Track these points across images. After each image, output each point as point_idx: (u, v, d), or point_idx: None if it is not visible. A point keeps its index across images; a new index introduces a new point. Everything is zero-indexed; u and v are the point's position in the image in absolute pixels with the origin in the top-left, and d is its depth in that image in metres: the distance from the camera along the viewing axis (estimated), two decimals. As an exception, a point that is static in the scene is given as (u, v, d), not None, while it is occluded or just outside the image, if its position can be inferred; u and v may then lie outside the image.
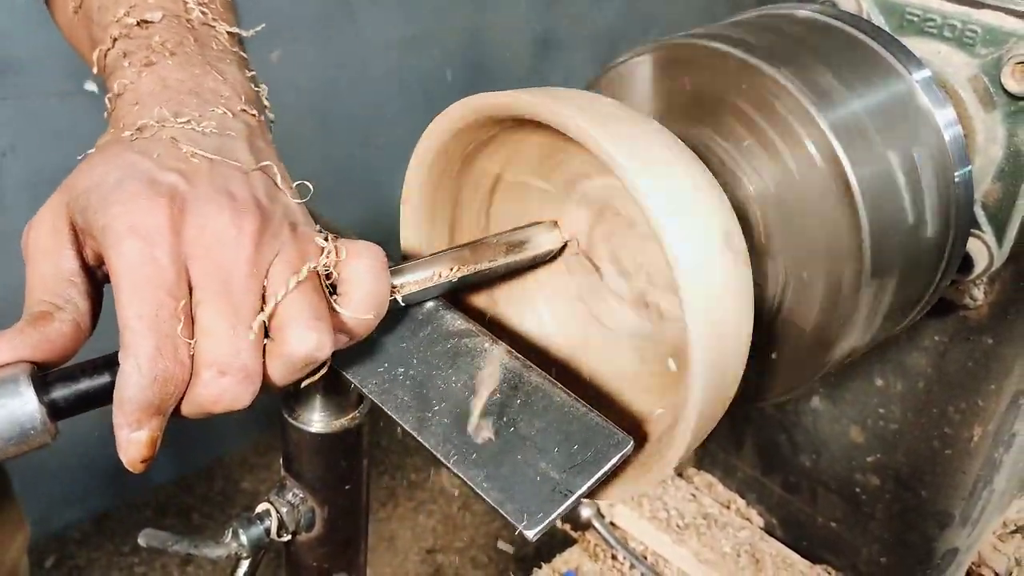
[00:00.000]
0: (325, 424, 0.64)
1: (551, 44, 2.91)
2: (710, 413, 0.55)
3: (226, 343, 0.47)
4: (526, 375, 0.56)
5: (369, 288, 0.52)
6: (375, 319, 0.53)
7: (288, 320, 0.48)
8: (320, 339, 0.48)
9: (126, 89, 0.57)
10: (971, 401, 0.82)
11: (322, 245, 0.52)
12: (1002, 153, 0.72)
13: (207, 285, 0.47)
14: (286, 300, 0.49)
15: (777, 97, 0.59)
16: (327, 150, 2.42)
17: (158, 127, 0.53)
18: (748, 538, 1.01)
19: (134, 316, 0.45)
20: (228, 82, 0.59)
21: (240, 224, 0.49)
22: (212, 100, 0.57)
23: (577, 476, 0.51)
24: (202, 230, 0.48)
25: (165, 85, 0.56)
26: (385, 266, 0.53)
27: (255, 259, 0.49)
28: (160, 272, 0.46)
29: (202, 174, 0.51)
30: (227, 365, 0.47)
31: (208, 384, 0.47)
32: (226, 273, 0.48)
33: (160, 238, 0.47)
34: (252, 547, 0.63)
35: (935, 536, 0.89)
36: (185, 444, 2.57)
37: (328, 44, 2.32)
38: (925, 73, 0.68)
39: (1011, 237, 0.74)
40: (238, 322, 0.47)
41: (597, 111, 0.56)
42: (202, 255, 0.48)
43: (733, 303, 0.54)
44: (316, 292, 0.50)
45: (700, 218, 0.53)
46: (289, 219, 0.53)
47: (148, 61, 0.58)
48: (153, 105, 0.55)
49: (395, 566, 2.41)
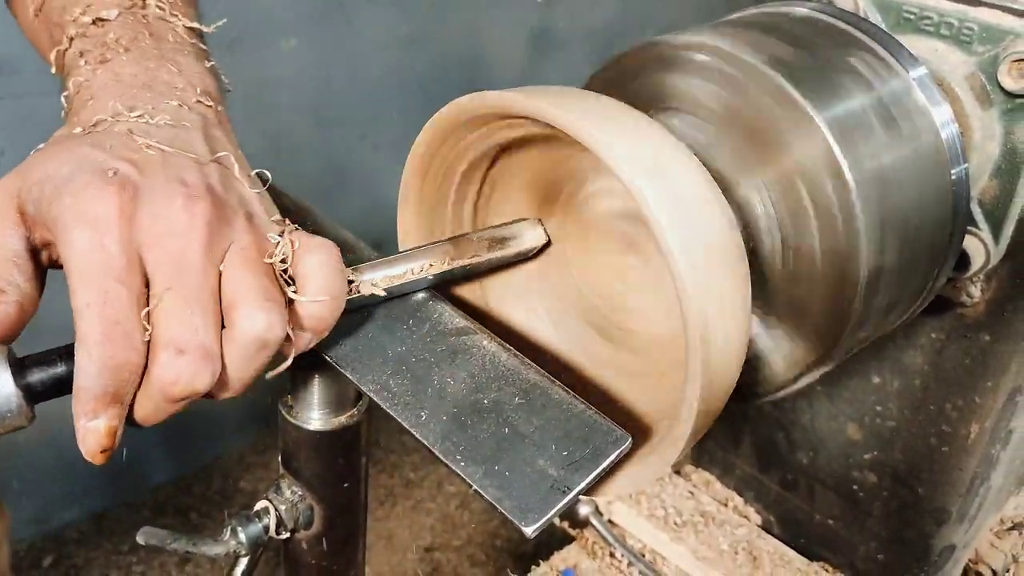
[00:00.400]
0: (324, 422, 0.64)
1: (548, 42, 2.91)
2: (709, 408, 0.55)
3: (183, 323, 0.47)
4: (524, 372, 0.56)
5: (322, 283, 0.52)
6: (330, 315, 0.52)
7: (238, 301, 0.48)
8: (270, 319, 0.48)
9: (81, 87, 0.57)
10: (968, 398, 0.82)
11: (275, 239, 0.52)
12: (999, 150, 0.72)
13: (162, 271, 0.48)
14: (238, 283, 0.49)
15: (773, 96, 0.60)
16: (325, 149, 2.42)
17: (112, 121, 0.54)
18: (746, 536, 1.01)
19: (83, 304, 0.46)
20: (183, 74, 0.60)
21: (193, 211, 0.49)
22: (166, 92, 0.57)
23: (575, 473, 0.51)
24: (155, 218, 0.48)
25: (119, 80, 0.57)
26: (339, 262, 0.53)
27: (208, 245, 0.49)
28: (109, 259, 0.47)
29: (155, 164, 0.51)
30: (185, 343, 0.47)
31: (166, 365, 0.47)
32: (180, 258, 0.48)
33: (109, 226, 0.47)
34: (250, 545, 0.64)
35: (932, 533, 0.89)
36: (183, 444, 2.57)
37: (325, 43, 2.32)
38: (921, 71, 0.68)
39: (1008, 234, 0.74)
40: (194, 303, 0.47)
41: (591, 108, 0.56)
42: (155, 242, 0.48)
43: (730, 297, 0.54)
44: (268, 277, 0.50)
45: (692, 205, 0.54)
46: (244, 208, 0.53)
47: (103, 58, 0.59)
48: (107, 99, 0.55)
49: (393, 564, 2.41)
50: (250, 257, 0.50)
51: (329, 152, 2.43)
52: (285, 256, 0.52)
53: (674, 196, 0.53)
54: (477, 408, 0.54)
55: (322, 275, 0.52)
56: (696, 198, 0.54)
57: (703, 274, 0.52)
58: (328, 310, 0.52)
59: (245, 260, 0.50)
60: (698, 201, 0.54)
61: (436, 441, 0.53)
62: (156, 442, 2.52)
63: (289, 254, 0.52)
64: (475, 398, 0.55)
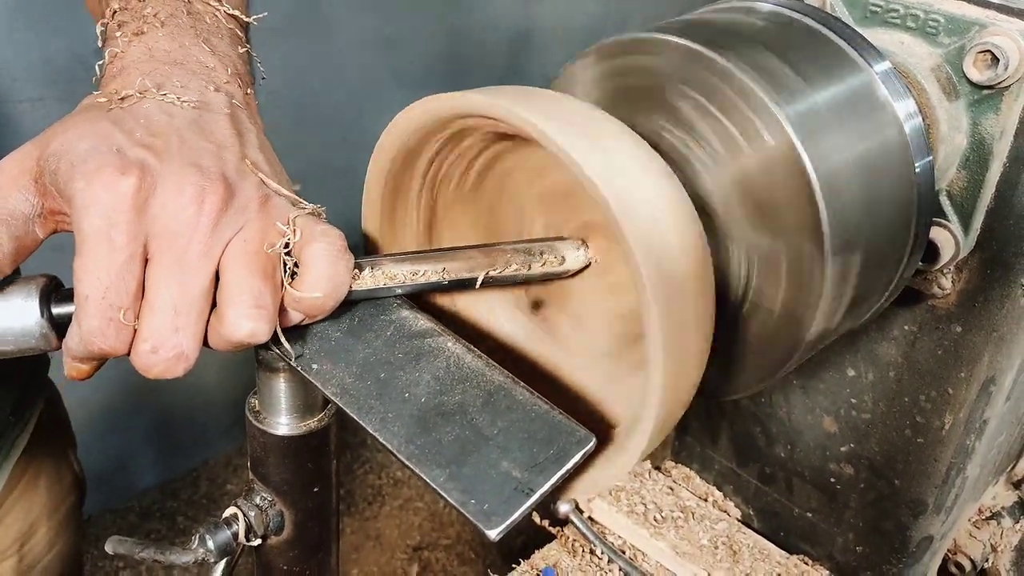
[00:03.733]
0: (292, 426, 0.64)
1: (530, 41, 2.91)
2: (673, 406, 0.55)
3: (164, 322, 0.50)
4: (488, 374, 0.56)
5: (322, 271, 0.53)
6: (328, 300, 0.54)
7: (230, 302, 0.50)
8: (255, 328, 0.51)
9: (115, 58, 0.58)
10: (942, 389, 0.82)
11: (283, 230, 0.53)
12: (967, 142, 0.72)
13: (160, 261, 0.49)
14: (233, 281, 0.50)
15: (735, 90, 0.59)
16: (305, 150, 2.41)
17: (138, 97, 0.54)
18: (725, 530, 1.01)
19: (83, 295, 0.49)
20: (217, 55, 0.60)
21: (201, 201, 0.50)
22: (197, 71, 0.58)
23: (539, 475, 0.50)
24: (163, 208, 0.49)
25: (151, 54, 0.58)
26: (343, 250, 0.54)
27: (211, 239, 0.50)
28: (114, 253, 0.48)
29: (172, 149, 0.52)
30: (161, 343, 0.50)
31: (141, 356, 0.50)
32: (180, 251, 0.49)
33: (119, 216, 0.48)
34: (219, 552, 0.63)
35: (910, 524, 0.89)
36: (169, 448, 2.56)
37: (305, 44, 2.31)
38: (885, 65, 0.68)
39: (977, 225, 0.74)
40: (182, 300, 0.50)
41: (543, 104, 0.56)
42: (160, 232, 0.49)
43: (692, 285, 0.54)
44: (264, 277, 0.51)
45: (650, 188, 0.53)
46: (260, 193, 0.53)
47: (139, 31, 0.59)
48: (136, 75, 0.56)
49: (382, 563, 2.41)
50: (251, 251, 0.51)
51: (310, 154, 2.42)
52: (289, 243, 0.53)
53: (636, 197, 0.53)
54: (441, 411, 0.54)
55: (321, 265, 0.53)
56: (657, 197, 0.54)
57: (660, 260, 0.52)
58: (321, 302, 0.54)
59: (245, 255, 0.51)
60: (660, 207, 0.54)
61: (400, 445, 0.52)
62: (142, 447, 2.51)
63: (293, 242, 0.53)
64: (439, 401, 0.55)
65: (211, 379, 2.54)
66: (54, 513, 1.07)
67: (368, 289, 0.59)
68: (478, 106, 0.56)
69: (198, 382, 2.53)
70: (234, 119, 0.57)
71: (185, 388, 2.51)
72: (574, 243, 0.68)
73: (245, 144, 0.56)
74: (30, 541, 1.04)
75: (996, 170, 0.72)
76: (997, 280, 0.75)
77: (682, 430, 1.08)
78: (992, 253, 0.75)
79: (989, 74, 0.68)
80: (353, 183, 0.71)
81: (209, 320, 0.51)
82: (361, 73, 2.47)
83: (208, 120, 0.55)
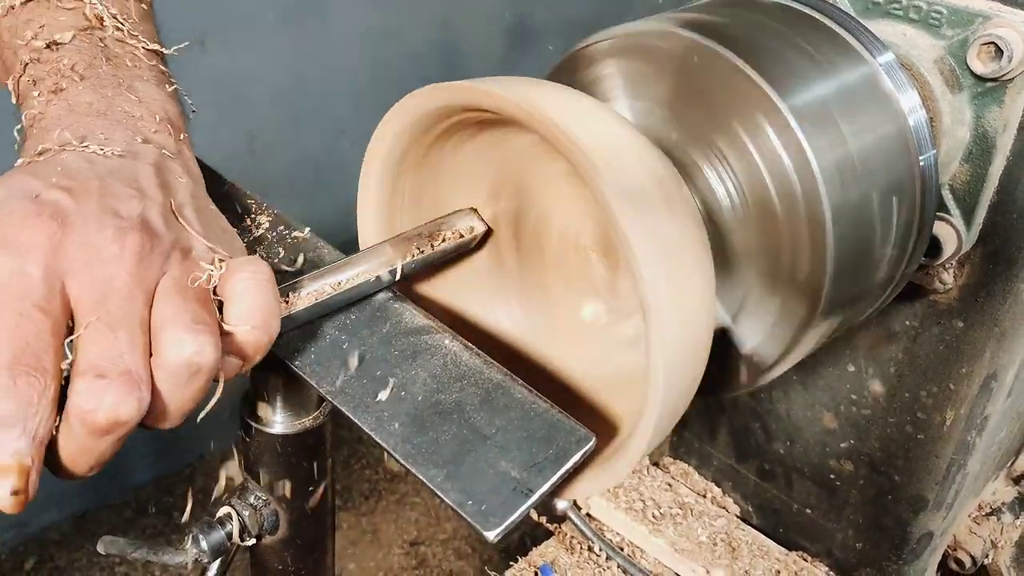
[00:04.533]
0: (286, 425, 0.63)
1: (525, 33, 2.89)
2: (673, 408, 0.54)
3: (106, 348, 0.44)
4: (486, 372, 0.55)
5: (251, 300, 0.49)
6: (262, 332, 0.50)
7: (166, 325, 0.46)
8: (198, 340, 0.46)
9: (35, 120, 0.55)
10: (943, 385, 0.81)
11: (208, 269, 0.50)
12: (969, 135, 0.71)
13: (86, 299, 0.45)
14: (166, 308, 0.46)
15: (738, 84, 0.58)
16: (299, 144, 2.39)
17: (57, 150, 0.51)
18: (724, 526, 1.00)
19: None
20: (143, 102, 0.57)
21: (123, 242, 0.47)
22: (123, 121, 0.55)
23: (538, 475, 0.50)
24: (82, 247, 0.46)
25: (72, 110, 0.54)
26: (269, 279, 0.50)
27: (137, 273, 0.47)
28: (28, 285, 0.44)
29: (91, 193, 0.48)
30: (107, 368, 0.43)
31: (85, 392, 0.43)
32: (106, 286, 0.45)
33: (33, 253, 0.45)
34: (213, 552, 0.62)
35: (910, 520, 0.89)
36: (165, 444, 2.56)
37: (299, 37, 2.29)
38: (889, 57, 0.67)
39: (979, 220, 0.73)
40: (119, 328, 0.45)
41: (559, 97, 0.55)
42: (80, 270, 0.45)
43: (697, 294, 0.53)
44: (199, 301, 0.48)
45: (663, 209, 0.52)
46: (181, 245, 0.50)
47: (57, 87, 0.56)
48: (55, 129, 0.53)
49: (379, 559, 2.40)
50: (181, 284, 0.48)
51: (304, 148, 2.41)
52: (213, 277, 0.49)
53: (634, 188, 0.52)
54: (438, 409, 0.53)
55: (249, 295, 0.49)
56: (658, 192, 0.53)
57: (661, 255, 0.51)
58: (256, 336, 0.49)
59: (176, 287, 0.47)
60: (658, 194, 0.53)
61: (396, 444, 0.52)
62: (138, 442, 2.50)
63: (219, 274, 0.50)
64: (436, 399, 0.54)
65: (206, 374, 2.53)
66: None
67: (304, 310, 0.56)
68: (477, 97, 0.55)
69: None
70: (161, 170, 0.53)
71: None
72: (467, 213, 0.68)
73: (172, 195, 0.52)
74: None
75: (999, 164, 0.71)
76: (999, 275, 0.74)
77: (681, 426, 1.07)
78: (994, 248, 0.74)
79: (993, 66, 0.67)
80: (348, 176, 0.70)
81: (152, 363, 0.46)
82: (356, 65, 2.46)
83: (132, 168, 0.52)
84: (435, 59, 2.66)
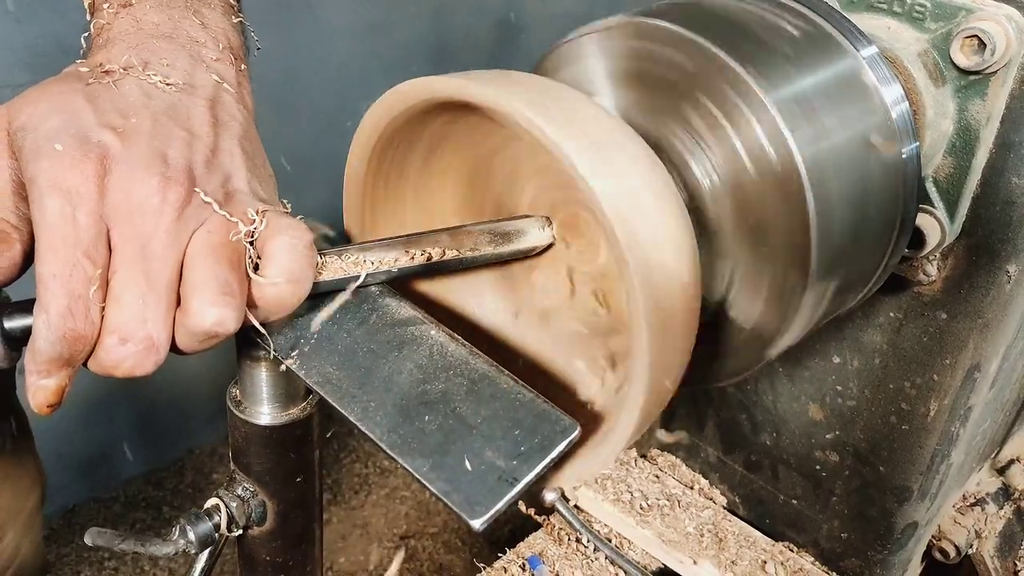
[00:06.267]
0: (274, 416, 0.63)
1: (515, 27, 2.89)
2: (658, 394, 0.54)
3: (131, 311, 0.47)
4: (472, 362, 0.56)
5: (284, 265, 0.51)
6: (291, 294, 0.52)
7: (194, 291, 0.48)
8: (221, 314, 0.48)
9: (102, 30, 0.56)
10: (927, 376, 0.82)
11: (252, 218, 0.51)
12: (953, 128, 0.71)
13: (123, 251, 0.48)
14: (197, 271, 0.49)
15: (722, 76, 0.59)
16: (290, 139, 2.39)
17: (121, 74, 0.52)
18: (711, 518, 1.01)
19: (49, 275, 0.46)
20: (207, 28, 0.58)
21: (165, 192, 0.48)
22: (186, 46, 0.56)
23: (524, 464, 0.50)
24: (127, 195, 0.48)
25: (139, 27, 0.56)
26: (307, 244, 0.52)
27: (176, 228, 0.49)
28: (78, 233, 0.47)
29: (141, 134, 0.50)
30: (130, 334, 0.47)
31: (109, 349, 0.48)
32: (144, 240, 0.48)
33: (82, 198, 0.47)
34: (200, 543, 0.62)
35: (894, 511, 0.90)
36: (154, 437, 2.55)
37: (288, 31, 2.29)
38: (872, 50, 0.67)
39: (963, 212, 0.74)
40: (148, 291, 0.48)
41: (531, 89, 0.55)
42: (123, 220, 0.48)
43: (679, 284, 0.53)
44: (230, 265, 0.50)
45: (633, 179, 0.53)
46: (226, 188, 0.52)
47: (126, 2, 0.57)
48: (123, 48, 0.54)
49: (369, 552, 2.40)
50: (215, 242, 0.50)
51: (294, 142, 2.40)
52: (254, 233, 0.51)
53: (612, 170, 0.52)
54: (424, 399, 0.53)
55: (285, 258, 0.51)
56: (642, 185, 0.53)
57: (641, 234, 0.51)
58: (285, 294, 0.52)
59: (210, 245, 0.49)
60: (645, 193, 0.53)
61: (382, 434, 0.52)
62: (127, 436, 2.49)
63: (259, 231, 0.51)
64: (422, 389, 0.54)
65: (196, 367, 2.52)
66: (18, 514, 1.04)
67: (335, 279, 0.57)
68: (471, 95, 0.55)
69: (183, 370, 2.51)
70: (216, 105, 0.55)
71: (169, 376, 2.49)
72: (539, 221, 0.68)
73: (221, 135, 0.54)
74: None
75: (982, 156, 0.71)
76: (983, 267, 0.75)
77: (668, 418, 1.07)
78: (977, 239, 0.74)
79: (976, 59, 0.68)
80: (338, 170, 0.70)
81: (175, 316, 0.49)
82: (345, 58, 2.45)
83: (187, 105, 0.53)
84: (425, 53, 2.66)
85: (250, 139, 0.57)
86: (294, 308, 0.53)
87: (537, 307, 0.71)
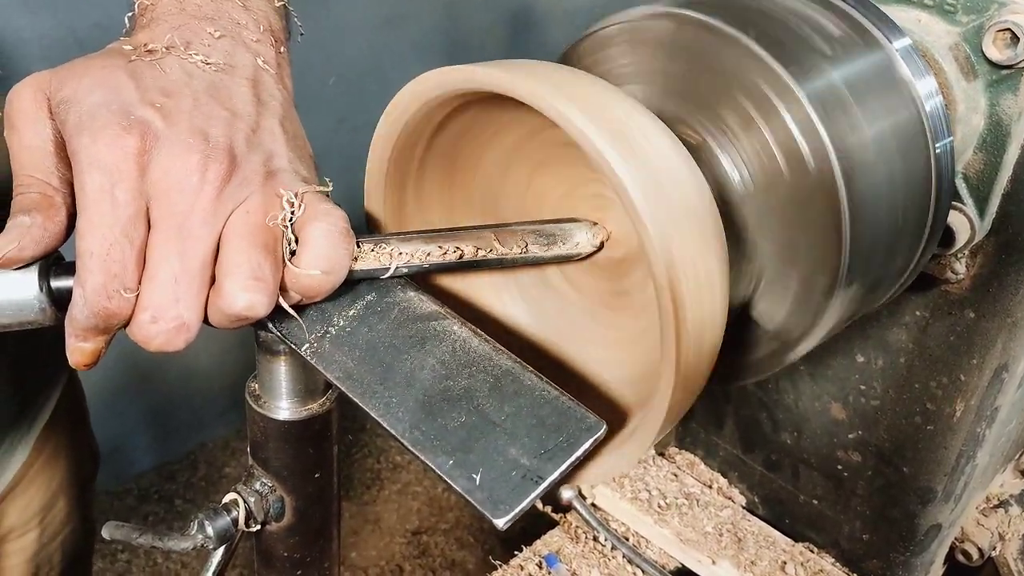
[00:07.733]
0: (293, 411, 0.62)
1: (529, 20, 2.88)
2: (684, 395, 0.53)
3: (164, 291, 0.48)
4: (496, 358, 0.55)
5: (321, 250, 0.51)
6: (326, 281, 0.52)
7: (228, 273, 0.49)
8: (252, 300, 0.49)
9: (145, 9, 0.56)
10: (953, 376, 0.81)
11: (291, 200, 0.51)
12: (984, 123, 0.70)
13: (161, 228, 0.48)
14: (233, 253, 0.49)
15: (754, 69, 0.58)
16: (304, 132, 2.38)
17: (164, 53, 0.53)
18: (730, 517, 1.00)
19: (87, 252, 0.47)
20: (249, 10, 0.58)
21: (205, 170, 0.49)
22: (228, 27, 0.56)
23: (548, 462, 0.49)
24: (166, 172, 0.48)
25: (182, 8, 0.56)
26: (344, 232, 0.52)
27: (214, 208, 0.49)
28: (117, 210, 0.47)
29: (182, 112, 0.50)
30: (162, 313, 0.48)
31: (142, 326, 0.49)
32: (181, 219, 0.48)
33: (123, 175, 0.47)
34: (219, 538, 0.62)
35: (917, 512, 0.88)
36: (167, 431, 2.55)
37: (301, 25, 2.28)
38: (905, 42, 0.66)
39: (993, 209, 0.72)
40: (183, 270, 0.48)
41: (554, 77, 0.54)
42: (162, 196, 0.48)
43: (707, 278, 0.52)
44: (265, 250, 0.50)
45: (667, 182, 0.52)
46: (267, 167, 0.52)
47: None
48: (165, 27, 0.54)
49: (381, 548, 2.40)
50: (253, 222, 0.50)
51: (308, 136, 2.40)
52: (292, 217, 0.51)
53: (646, 166, 0.51)
54: (447, 396, 0.52)
55: (321, 246, 0.51)
56: (668, 167, 0.52)
57: (672, 234, 0.50)
58: (318, 283, 0.52)
59: (246, 227, 0.50)
60: (671, 172, 0.52)
61: (404, 431, 0.51)
62: (140, 429, 2.50)
63: (297, 216, 0.52)
64: (445, 385, 0.53)
65: (209, 360, 2.53)
66: (72, 485, 1.07)
67: (371, 268, 0.57)
68: (497, 84, 0.54)
69: (196, 363, 2.51)
70: (257, 85, 0.55)
71: (182, 369, 2.50)
72: (587, 225, 0.66)
73: (263, 114, 0.54)
74: (50, 513, 1.04)
75: (1013, 152, 0.70)
76: (1012, 265, 0.74)
77: (687, 416, 1.06)
78: (1007, 237, 0.73)
79: (1008, 53, 0.66)
80: (355, 164, 0.70)
81: (208, 294, 0.50)
82: (361, 52, 2.45)
83: (228, 85, 0.53)
84: (438, 47, 2.65)
85: (291, 119, 0.57)
86: (326, 295, 0.53)
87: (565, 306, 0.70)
